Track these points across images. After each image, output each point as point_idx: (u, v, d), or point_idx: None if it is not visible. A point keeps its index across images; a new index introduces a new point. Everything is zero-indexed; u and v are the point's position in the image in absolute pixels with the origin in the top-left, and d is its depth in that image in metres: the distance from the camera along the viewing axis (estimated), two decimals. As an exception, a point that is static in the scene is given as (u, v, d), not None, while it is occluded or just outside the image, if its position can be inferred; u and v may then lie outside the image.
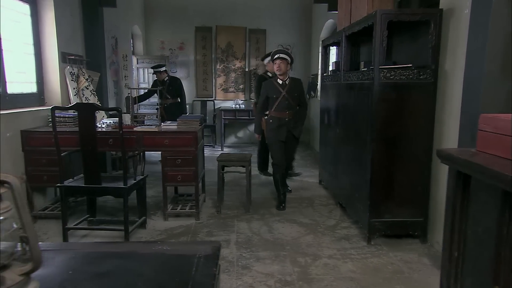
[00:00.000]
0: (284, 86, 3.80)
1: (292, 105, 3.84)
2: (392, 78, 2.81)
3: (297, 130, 3.91)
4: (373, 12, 2.80)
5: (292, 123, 3.86)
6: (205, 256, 0.79)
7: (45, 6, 3.91)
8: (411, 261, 2.74)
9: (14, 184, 0.63)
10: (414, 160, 2.92)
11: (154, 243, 0.85)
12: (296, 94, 3.84)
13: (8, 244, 0.65)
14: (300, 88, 3.91)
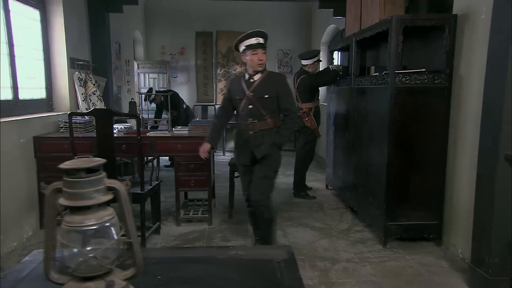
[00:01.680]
0: (251, 84, 2.64)
1: (258, 112, 2.63)
2: (407, 82, 2.84)
3: (260, 150, 2.65)
4: (388, 18, 2.84)
5: (258, 139, 2.66)
6: (283, 260, 0.80)
7: (54, 12, 3.90)
8: (429, 264, 2.76)
9: (121, 190, 0.63)
10: (429, 164, 2.95)
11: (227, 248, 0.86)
12: (270, 96, 2.61)
13: (114, 250, 0.65)
14: (281, 88, 2.66)
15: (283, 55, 8.41)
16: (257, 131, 2.67)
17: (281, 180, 5.40)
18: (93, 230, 0.63)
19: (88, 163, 0.63)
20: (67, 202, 0.63)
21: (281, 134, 2.69)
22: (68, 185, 0.64)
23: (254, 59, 2.58)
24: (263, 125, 2.66)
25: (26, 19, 3.53)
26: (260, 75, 2.65)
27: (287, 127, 2.71)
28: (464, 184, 2.79)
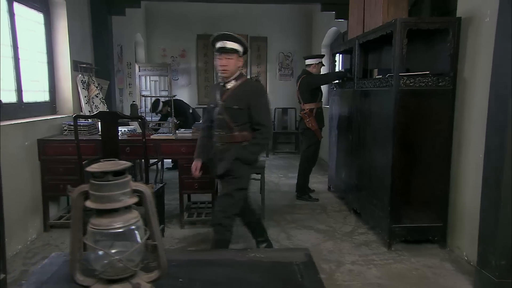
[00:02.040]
0: (224, 92, 2.41)
1: (226, 124, 2.39)
2: (411, 85, 2.86)
3: (221, 165, 2.46)
4: (393, 21, 2.85)
5: (223, 153, 2.45)
6: (302, 263, 0.80)
7: (58, 15, 3.91)
8: (434, 266, 2.76)
9: (146, 192, 0.64)
10: (433, 166, 2.96)
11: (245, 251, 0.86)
12: (240, 107, 2.35)
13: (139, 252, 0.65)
14: (254, 99, 2.38)
15: (284, 58, 8.42)
16: (224, 144, 2.44)
17: (283, 182, 5.41)
18: (120, 232, 0.63)
19: (115, 166, 0.64)
20: (95, 205, 0.64)
21: (248, 149, 2.41)
22: (95, 188, 0.64)
23: (217, 64, 2.38)
24: (230, 138, 2.42)
25: (31, 22, 3.54)
26: (234, 83, 2.40)
27: (255, 142, 2.42)
28: (468, 186, 2.80)
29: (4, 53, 3.08)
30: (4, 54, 3.09)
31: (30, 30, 3.52)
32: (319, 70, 4.43)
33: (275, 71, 8.38)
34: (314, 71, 4.33)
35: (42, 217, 3.37)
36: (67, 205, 3.89)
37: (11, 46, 3.17)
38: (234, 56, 2.33)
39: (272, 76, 8.37)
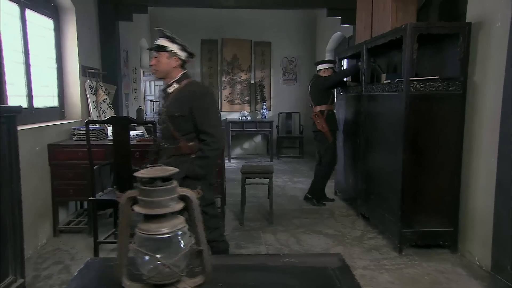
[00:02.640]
0: (166, 98, 2.18)
1: (170, 134, 2.15)
2: (422, 90, 2.87)
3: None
4: (403, 26, 2.87)
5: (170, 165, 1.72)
6: (337, 268, 0.81)
7: (67, 21, 3.93)
8: (446, 271, 2.75)
9: (192, 198, 0.64)
10: (443, 170, 2.96)
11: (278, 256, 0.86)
12: (182, 114, 2.08)
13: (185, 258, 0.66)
14: (196, 104, 2.09)
15: (287, 63, 8.45)
16: (169, 157, 2.14)
17: (289, 187, 5.41)
18: (167, 238, 0.63)
19: (164, 172, 0.64)
20: (144, 210, 0.64)
21: (193, 163, 2.09)
22: (144, 193, 0.65)
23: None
24: (176, 150, 2.13)
25: (41, 28, 3.57)
26: (176, 86, 2.13)
27: (201, 155, 2.10)
28: (480, 191, 2.80)
29: (15, 59, 3.10)
30: (16, 60, 3.12)
31: (40, 36, 3.55)
32: (329, 74, 4.43)
33: (279, 76, 8.40)
34: (324, 75, 4.33)
35: (51, 222, 3.38)
36: (75, 210, 3.90)
37: (22, 52, 3.19)
38: (164, 55, 2.09)
39: (276, 81, 8.39)
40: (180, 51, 2.14)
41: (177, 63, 2.14)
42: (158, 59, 2.11)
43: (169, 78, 2.15)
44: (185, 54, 2.19)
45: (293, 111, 8.22)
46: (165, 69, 2.12)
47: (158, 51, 2.10)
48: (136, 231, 0.67)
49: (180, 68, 2.17)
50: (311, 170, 6.52)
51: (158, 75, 2.16)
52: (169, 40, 2.11)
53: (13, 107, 1.81)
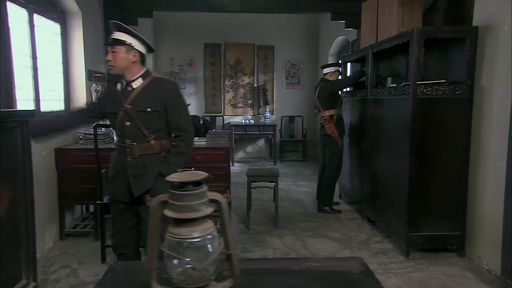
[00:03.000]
0: (128, 94, 2.00)
1: (138, 132, 1.99)
2: (428, 93, 2.87)
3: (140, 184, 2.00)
4: (410, 30, 2.88)
5: (138, 168, 2.00)
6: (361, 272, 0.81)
7: (74, 25, 3.96)
8: (454, 275, 2.75)
9: (222, 202, 0.65)
10: (450, 174, 2.96)
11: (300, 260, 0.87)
12: (154, 109, 1.98)
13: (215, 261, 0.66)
14: (170, 99, 2.03)
15: (290, 66, 8.47)
16: (136, 156, 1.98)
17: (293, 190, 5.40)
18: (198, 242, 0.64)
19: (195, 177, 0.65)
20: (175, 214, 0.65)
21: (170, 161, 2.00)
22: (176, 197, 0.66)
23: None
24: (145, 149, 1.99)
25: (48, 33, 3.59)
26: (142, 81, 2.00)
27: (178, 151, 2.02)
28: (488, 194, 2.80)
29: (23, 63, 3.12)
30: (24, 64, 3.13)
31: (48, 41, 3.57)
32: (336, 77, 4.43)
33: (282, 80, 8.42)
34: (331, 79, 4.31)
35: (58, 226, 3.38)
36: (81, 213, 3.91)
37: (30, 57, 3.20)
38: (121, 49, 1.92)
39: (279, 84, 8.41)
40: (138, 45, 1.98)
41: (136, 58, 1.97)
42: (114, 54, 1.94)
43: (130, 74, 1.98)
44: (144, 48, 2.02)
45: (296, 115, 8.23)
46: (123, 64, 1.95)
47: (115, 45, 1.93)
48: (167, 235, 0.67)
49: (140, 64, 2.00)
50: (315, 173, 6.51)
51: (116, 71, 1.98)
52: (126, 33, 1.95)
53: (26, 111, 1.82)
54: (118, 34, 1.95)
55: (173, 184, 0.67)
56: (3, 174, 1.60)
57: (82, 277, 2.73)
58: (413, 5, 3.29)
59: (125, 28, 1.95)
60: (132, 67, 1.97)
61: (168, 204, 0.67)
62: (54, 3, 3.70)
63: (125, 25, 1.96)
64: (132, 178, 1.99)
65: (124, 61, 1.94)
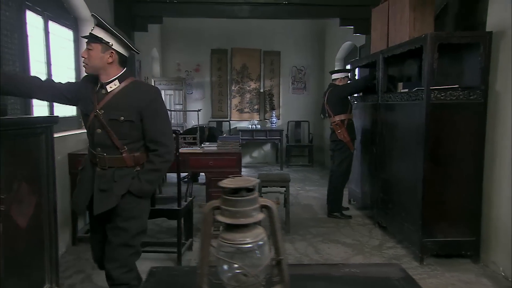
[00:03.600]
0: (101, 97, 1.80)
1: (109, 142, 1.79)
2: (442, 98, 2.87)
3: (103, 201, 1.78)
4: (423, 35, 2.89)
5: (105, 182, 1.79)
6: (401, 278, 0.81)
7: (86, 32, 3.96)
8: (470, 281, 2.73)
9: (273, 208, 0.65)
10: (465, 179, 2.95)
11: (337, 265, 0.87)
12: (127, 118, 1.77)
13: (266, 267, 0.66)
14: (147, 107, 1.80)
15: (296, 72, 8.50)
16: (106, 168, 1.77)
17: (302, 195, 5.39)
18: (250, 247, 0.64)
19: (248, 182, 0.65)
20: (228, 220, 0.65)
21: (141, 178, 1.80)
22: (229, 203, 0.66)
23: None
24: (116, 162, 1.77)
25: (62, 40, 3.62)
26: (118, 84, 1.78)
27: (152, 168, 1.81)
28: (503, 200, 2.79)
29: (39, 70, 3.15)
30: (39, 71, 3.16)
31: (61, 47, 3.60)
32: (345, 83, 4.43)
33: (288, 85, 8.45)
34: (341, 84, 4.32)
35: (71, 231, 3.39)
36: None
37: (45, 63, 3.23)
38: (97, 47, 1.74)
39: (285, 89, 8.43)
40: (117, 45, 1.77)
41: (113, 59, 1.76)
42: (90, 52, 1.75)
43: (105, 75, 1.78)
44: (124, 49, 1.81)
45: (302, 120, 8.24)
46: (97, 64, 1.75)
47: (91, 42, 1.75)
48: (218, 240, 0.68)
49: (118, 65, 1.80)
50: (322, 178, 6.51)
51: (89, 70, 1.79)
52: (104, 30, 1.74)
53: (50, 117, 1.84)
54: (96, 31, 1.74)
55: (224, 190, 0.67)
56: (29, 179, 1.61)
57: (97, 282, 2.73)
58: (425, 10, 3.30)
59: (103, 25, 1.73)
60: (107, 68, 1.77)
61: (221, 209, 0.67)
62: (67, 10, 3.74)
63: (104, 21, 1.73)
64: (97, 191, 1.77)
65: (99, 60, 1.74)
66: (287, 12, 5.06)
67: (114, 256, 1.81)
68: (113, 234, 1.80)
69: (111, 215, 1.79)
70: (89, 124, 1.81)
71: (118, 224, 1.79)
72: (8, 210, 1.45)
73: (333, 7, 5.03)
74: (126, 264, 1.85)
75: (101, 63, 1.75)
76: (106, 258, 1.83)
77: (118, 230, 1.80)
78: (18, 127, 1.52)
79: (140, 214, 1.86)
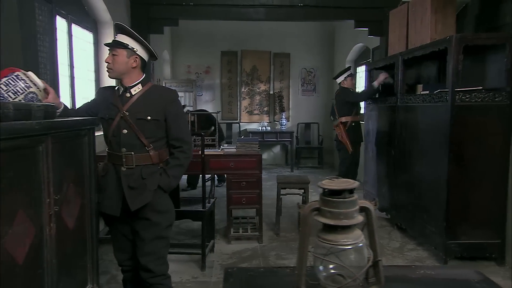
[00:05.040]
0: (126, 100, 1.90)
1: (136, 141, 1.87)
2: (467, 100, 2.87)
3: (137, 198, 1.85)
4: (448, 37, 2.89)
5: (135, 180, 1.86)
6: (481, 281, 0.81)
7: (105, 34, 4.02)
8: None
9: (371, 209, 0.66)
10: (489, 181, 2.95)
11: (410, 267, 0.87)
12: (154, 118, 1.88)
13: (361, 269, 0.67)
14: (170, 108, 1.92)
15: (306, 74, 8.50)
16: (133, 167, 1.85)
17: (314, 198, 5.36)
18: (351, 248, 0.65)
19: (350, 184, 0.66)
20: (331, 221, 0.66)
21: (169, 174, 1.90)
22: (332, 205, 0.67)
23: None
24: (143, 159, 1.86)
25: (83, 42, 3.65)
26: (141, 87, 1.90)
27: (178, 163, 1.92)
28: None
29: (62, 72, 3.17)
30: (62, 73, 3.18)
31: (82, 50, 3.63)
32: (350, 82, 4.48)
33: (298, 87, 8.45)
34: (349, 84, 4.40)
35: (92, 233, 3.40)
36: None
37: (68, 65, 3.26)
38: (122, 52, 1.83)
39: (294, 91, 8.44)
40: (141, 50, 1.89)
41: (137, 64, 1.87)
42: (114, 57, 1.84)
43: (128, 79, 1.88)
44: (146, 54, 1.94)
45: (312, 122, 8.25)
46: (122, 69, 1.85)
47: (116, 47, 1.84)
48: (316, 240, 0.69)
49: (139, 70, 1.91)
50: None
51: (113, 75, 1.89)
52: (129, 36, 1.85)
53: (92, 119, 1.85)
54: (121, 37, 1.86)
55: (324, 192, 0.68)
56: (75, 180, 1.63)
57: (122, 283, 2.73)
58: (446, 13, 3.30)
59: (129, 32, 1.85)
60: (131, 72, 1.88)
61: (321, 211, 0.68)
62: (87, 13, 3.77)
63: (129, 28, 1.86)
64: (128, 189, 1.84)
65: (124, 65, 1.85)
66: (302, 14, 5.06)
67: (150, 249, 1.90)
68: (145, 230, 1.89)
69: (140, 211, 1.87)
70: (113, 127, 1.89)
71: (151, 219, 1.88)
72: (60, 211, 1.47)
73: (347, 9, 5.03)
74: (161, 256, 1.95)
75: (125, 68, 1.86)
76: (140, 253, 1.90)
77: (150, 224, 1.89)
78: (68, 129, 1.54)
79: (169, 208, 1.98)
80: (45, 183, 1.35)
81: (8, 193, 1.12)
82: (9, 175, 1.13)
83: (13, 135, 1.11)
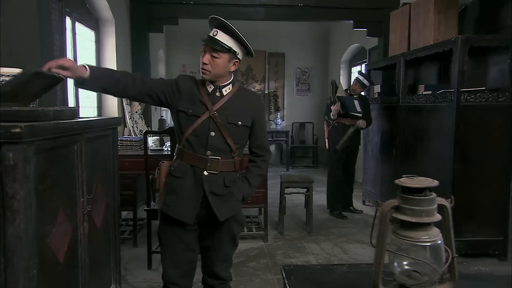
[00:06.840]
0: (216, 100, 1.72)
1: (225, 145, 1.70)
2: (472, 100, 2.94)
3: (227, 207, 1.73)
4: (453, 38, 2.95)
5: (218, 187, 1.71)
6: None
7: (107, 33, 3.98)
8: (501, 279, 2.78)
9: (448, 207, 0.67)
10: (493, 180, 3.01)
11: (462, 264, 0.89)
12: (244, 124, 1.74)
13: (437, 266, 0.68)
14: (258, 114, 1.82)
15: (301, 73, 8.54)
16: (216, 173, 1.69)
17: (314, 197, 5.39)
18: (430, 245, 0.66)
19: (430, 183, 0.67)
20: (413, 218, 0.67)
21: (251, 183, 1.78)
22: (413, 202, 0.68)
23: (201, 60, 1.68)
24: (228, 166, 1.71)
25: (85, 40, 3.60)
26: (231, 88, 1.75)
27: (260, 173, 1.82)
28: (531, 200, 2.85)
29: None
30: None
31: (85, 48, 3.58)
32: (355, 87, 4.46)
33: (293, 87, 8.48)
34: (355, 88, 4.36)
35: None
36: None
37: (72, 64, 3.21)
38: (224, 56, 1.64)
39: (289, 91, 8.47)
40: (241, 54, 1.72)
41: (235, 68, 1.72)
42: (215, 60, 1.63)
43: (222, 80, 1.72)
44: (243, 55, 1.74)
45: (307, 121, 8.29)
46: (221, 73, 1.67)
47: (218, 50, 1.62)
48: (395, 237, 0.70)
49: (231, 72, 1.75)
50: (329, 179, 6.55)
51: (208, 77, 1.67)
52: (232, 37, 1.64)
53: (115, 119, 1.84)
54: (222, 36, 1.63)
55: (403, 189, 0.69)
56: (102, 180, 1.61)
57: (132, 283, 2.71)
58: (449, 14, 3.36)
59: (233, 32, 1.63)
60: (227, 75, 1.72)
61: (400, 208, 0.69)
62: (89, 11, 3.72)
63: (232, 26, 1.62)
64: (212, 196, 1.68)
65: (223, 69, 1.67)
66: (301, 14, 5.09)
67: (225, 257, 1.83)
68: (223, 240, 1.79)
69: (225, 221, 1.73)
70: (197, 125, 1.68)
71: (233, 229, 1.79)
72: (90, 211, 1.45)
73: (346, 10, 5.08)
74: (231, 262, 1.91)
75: (224, 72, 1.69)
76: (215, 263, 1.80)
77: (229, 235, 1.79)
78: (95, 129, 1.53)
79: (243, 219, 1.89)
80: (79, 182, 1.34)
81: (51, 192, 1.11)
82: (52, 174, 1.11)
83: (59, 134, 1.11)
